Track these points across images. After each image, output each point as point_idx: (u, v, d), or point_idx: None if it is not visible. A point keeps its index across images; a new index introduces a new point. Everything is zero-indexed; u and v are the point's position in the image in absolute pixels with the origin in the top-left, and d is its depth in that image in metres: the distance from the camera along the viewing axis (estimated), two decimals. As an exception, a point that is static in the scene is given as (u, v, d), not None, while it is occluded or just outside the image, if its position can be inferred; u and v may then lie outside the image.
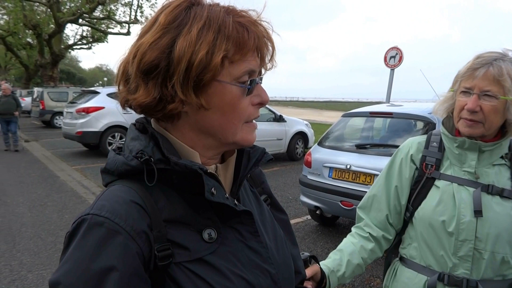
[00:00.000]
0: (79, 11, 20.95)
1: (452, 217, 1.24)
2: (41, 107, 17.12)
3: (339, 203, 4.27)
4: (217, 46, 0.65)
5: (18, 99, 11.14)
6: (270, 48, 0.74)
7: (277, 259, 0.81)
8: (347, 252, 1.38)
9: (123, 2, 23.49)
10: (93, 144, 10.12)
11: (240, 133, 0.73)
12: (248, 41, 0.68)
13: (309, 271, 1.17)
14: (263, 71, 0.77)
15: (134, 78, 0.68)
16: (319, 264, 1.24)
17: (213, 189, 0.69)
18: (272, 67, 0.77)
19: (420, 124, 4.41)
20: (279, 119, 9.79)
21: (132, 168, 0.68)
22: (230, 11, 0.69)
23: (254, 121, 0.76)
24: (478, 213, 1.21)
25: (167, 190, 0.71)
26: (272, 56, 0.75)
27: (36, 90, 18.88)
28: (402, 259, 1.43)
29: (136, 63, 0.67)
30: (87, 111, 9.75)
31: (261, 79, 0.76)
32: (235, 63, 0.68)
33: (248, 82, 0.70)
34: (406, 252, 1.40)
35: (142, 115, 0.76)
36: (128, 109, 0.74)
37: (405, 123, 4.56)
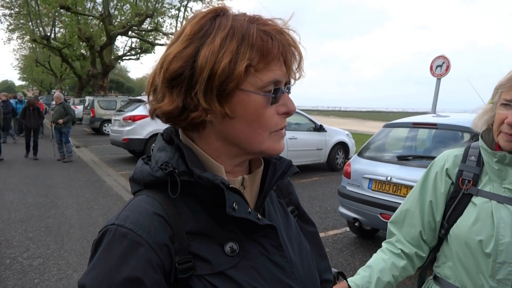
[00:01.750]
0: (128, 24, 21.91)
1: (490, 237, 1.17)
2: (91, 115, 18.03)
3: (379, 215, 4.15)
4: (241, 55, 0.65)
5: (68, 107, 10.72)
6: (297, 56, 0.73)
7: (301, 274, 0.79)
8: (377, 269, 1.34)
9: (169, 15, 24.33)
10: (138, 151, 10.46)
11: (267, 142, 0.72)
12: (272, 49, 0.67)
13: None
14: (292, 81, 0.76)
15: (161, 87, 0.70)
16: (347, 281, 1.21)
17: (234, 204, 0.68)
18: (300, 76, 0.76)
19: (467, 136, 4.21)
20: (319, 128, 9.69)
21: (156, 179, 0.70)
22: (255, 20, 0.69)
23: (283, 130, 0.75)
24: None
25: (191, 202, 0.71)
26: (299, 65, 0.74)
27: (87, 98, 19.93)
28: (436, 278, 1.37)
29: (163, 72, 0.69)
30: (133, 119, 10.15)
31: (288, 89, 0.75)
32: (259, 72, 0.67)
33: (272, 91, 0.70)
34: (440, 271, 1.34)
35: (169, 125, 0.77)
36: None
37: (450, 134, 4.37)
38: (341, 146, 10.19)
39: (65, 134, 10.60)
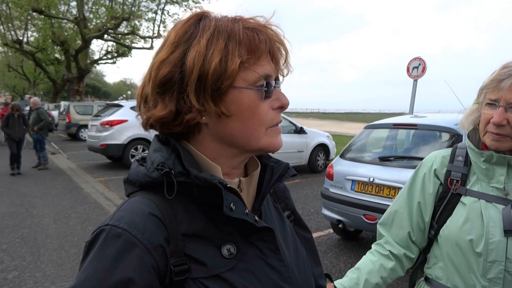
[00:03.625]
0: (104, 27, 21.54)
1: (480, 237, 1.18)
2: (67, 120, 17.62)
3: (362, 216, 4.17)
4: (230, 53, 0.66)
5: (42, 113, 10.08)
6: (283, 51, 0.74)
7: (297, 279, 0.78)
8: (365, 271, 1.33)
9: (146, 18, 24.04)
10: (116, 157, 10.29)
11: (264, 138, 0.72)
12: (260, 44, 0.68)
13: None
14: (280, 78, 0.77)
15: (152, 95, 0.70)
16: (333, 283, 1.20)
17: (232, 204, 0.68)
18: (288, 72, 0.77)
19: (445, 136, 4.30)
20: (300, 131, 9.74)
21: (152, 180, 0.69)
22: (237, 19, 0.70)
23: (278, 125, 0.75)
24: (508, 232, 1.14)
25: (188, 203, 0.70)
26: (286, 59, 0.75)
27: (63, 104, 19.44)
28: (427, 280, 1.36)
29: (152, 80, 0.69)
30: (111, 124, 9.96)
31: (278, 84, 0.75)
32: (249, 68, 0.68)
33: (264, 85, 0.70)
34: (431, 272, 1.34)
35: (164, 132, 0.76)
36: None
37: (430, 134, 4.45)
38: (322, 148, 10.26)
39: (40, 141, 10.10)
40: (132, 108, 10.09)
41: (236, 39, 0.66)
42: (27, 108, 11.69)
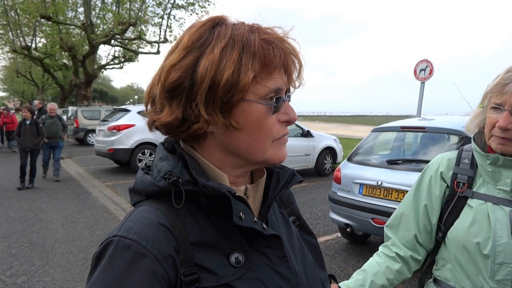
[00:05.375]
0: (111, 33, 21.70)
1: (487, 239, 1.18)
2: (75, 125, 17.77)
3: (370, 220, 4.15)
4: (244, 65, 0.64)
5: (63, 119, 9.72)
6: (297, 65, 0.72)
7: (306, 285, 0.78)
8: (371, 273, 1.34)
9: (153, 23, 24.23)
10: (124, 161, 10.35)
11: (269, 150, 0.71)
12: (274, 59, 0.66)
13: None
14: (291, 89, 0.76)
15: (159, 98, 0.69)
16: (337, 283, 1.20)
17: (241, 213, 0.67)
18: (300, 84, 0.76)
19: (454, 139, 4.26)
20: (306, 134, 9.73)
21: (159, 189, 0.68)
22: (255, 29, 0.69)
23: (285, 136, 0.74)
24: None
25: (195, 211, 0.70)
26: (299, 73, 0.74)
27: (70, 109, 19.64)
28: (436, 281, 1.36)
29: (161, 83, 0.68)
30: (118, 128, 10.02)
31: (289, 97, 0.74)
32: (261, 81, 0.66)
33: (274, 100, 0.68)
34: (440, 274, 1.34)
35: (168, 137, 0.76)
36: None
37: (438, 137, 4.41)
38: (329, 151, 10.24)
39: (60, 149, 9.43)
40: (139, 112, 10.15)
41: (251, 51, 0.65)
42: (39, 113, 11.56)
